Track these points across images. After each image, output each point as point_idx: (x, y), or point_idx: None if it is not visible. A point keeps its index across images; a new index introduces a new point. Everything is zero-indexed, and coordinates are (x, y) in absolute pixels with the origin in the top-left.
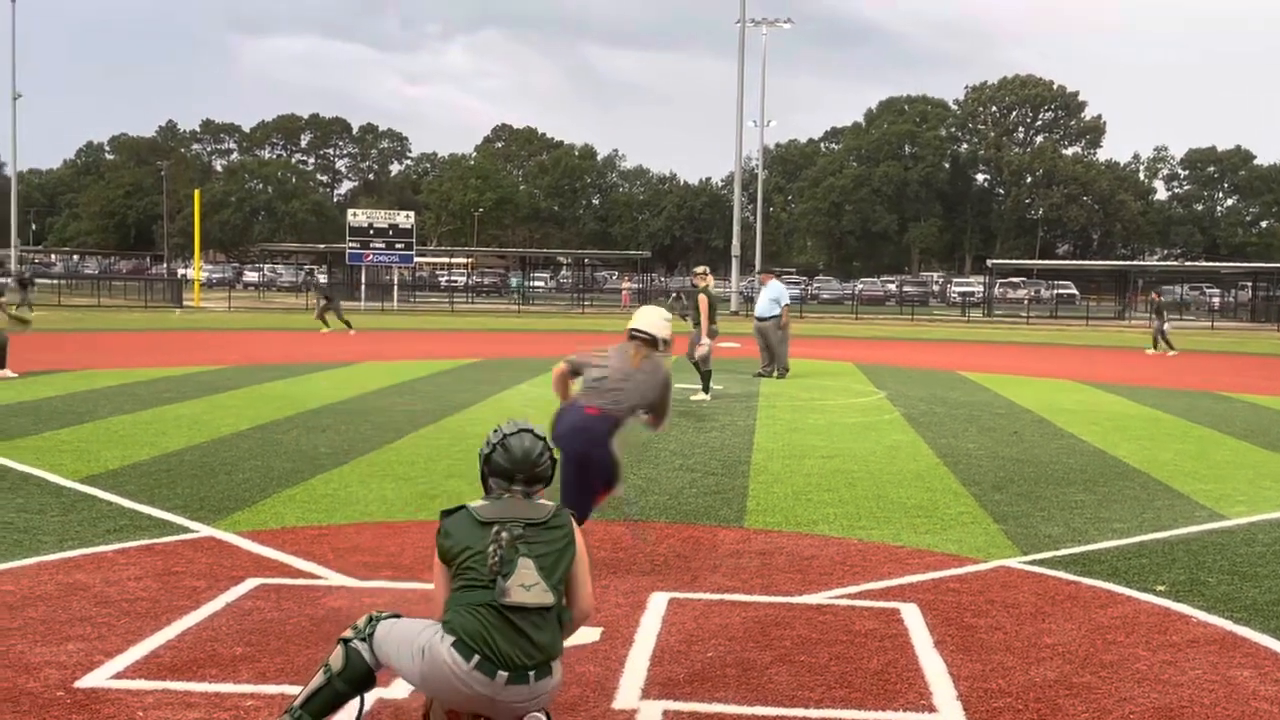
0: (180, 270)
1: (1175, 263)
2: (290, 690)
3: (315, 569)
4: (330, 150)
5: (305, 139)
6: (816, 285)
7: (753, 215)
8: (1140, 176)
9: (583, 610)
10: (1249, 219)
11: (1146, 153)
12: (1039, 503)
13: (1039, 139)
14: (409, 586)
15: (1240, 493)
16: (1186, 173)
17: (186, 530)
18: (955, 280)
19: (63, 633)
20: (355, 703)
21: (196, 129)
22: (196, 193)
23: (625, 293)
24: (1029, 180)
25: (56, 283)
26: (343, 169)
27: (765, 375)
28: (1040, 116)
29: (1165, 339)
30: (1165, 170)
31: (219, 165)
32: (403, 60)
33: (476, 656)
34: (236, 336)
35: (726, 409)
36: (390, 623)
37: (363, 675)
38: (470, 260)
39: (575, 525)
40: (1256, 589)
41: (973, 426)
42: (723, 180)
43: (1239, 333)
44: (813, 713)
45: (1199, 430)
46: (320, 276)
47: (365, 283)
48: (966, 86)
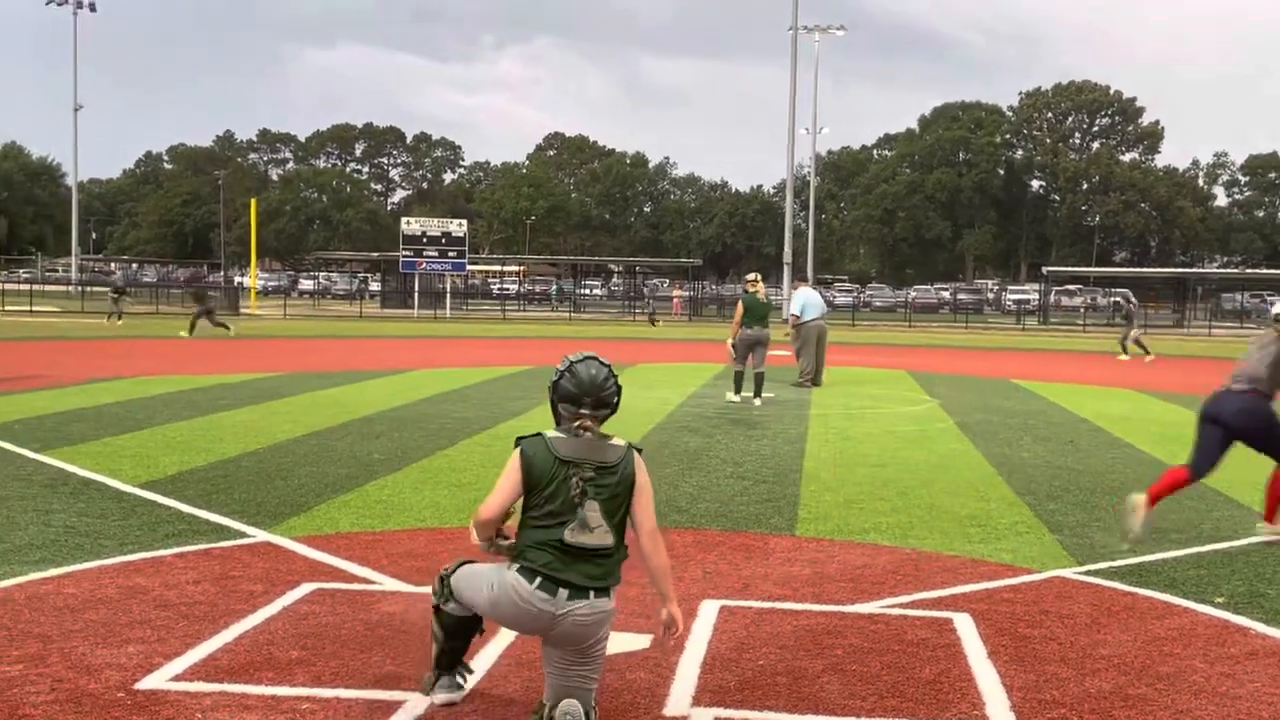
0: (237, 278)
1: (1235, 270)
2: (345, 694)
3: (369, 574)
4: (384, 159)
5: (359, 148)
6: (869, 293)
7: (804, 222)
8: (1199, 183)
9: (650, 534)
10: None
11: (1206, 159)
12: (1095, 512)
13: (1095, 145)
14: None
15: None
16: (1247, 179)
17: (243, 535)
18: (1010, 287)
19: (123, 635)
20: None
21: (253, 138)
22: (253, 201)
23: (677, 300)
24: (1085, 186)
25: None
26: (396, 178)
27: (803, 383)
28: (1097, 122)
29: (1140, 344)
30: (1225, 176)
31: (275, 174)
32: (456, 70)
33: (539, 578)
34: (291, 344)
35: (778, 417)
36: (463, 570)
37: (464, 626)
38: (522, 268)
39: (639, 463)
40: None
41: (1027, 435)
42: (774, 187)
43: None
44: None
45: None
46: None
47: (418, 290)
48: (1021, 92)
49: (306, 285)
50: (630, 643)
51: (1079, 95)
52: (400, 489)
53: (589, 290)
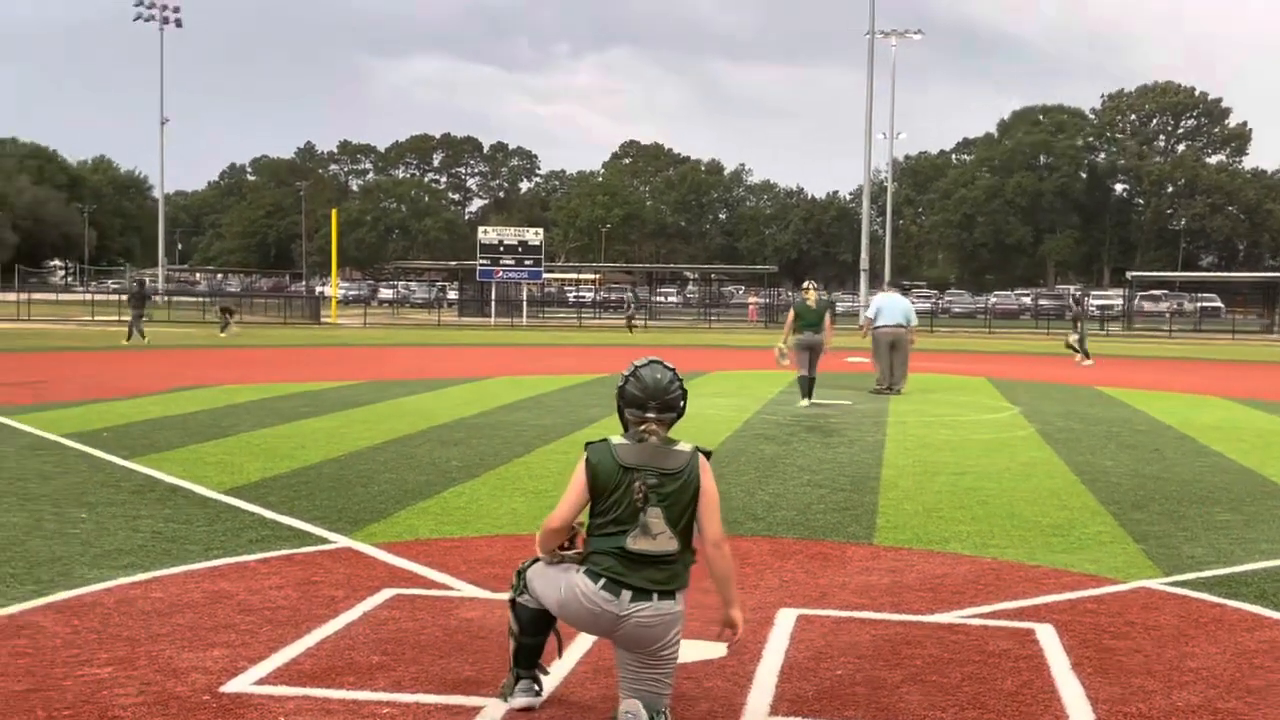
0: (318, 288)
1: None
2: (424, 699)
3: (448, 580)
4: (461, 169)
5: (437, 158)
6: (948, 298)
7: (881, 228)
8: None
9: (715, 543)
10: None
11: None
12: (1181, 522)
13: (1180, 147)
14: None
15: None
16: None
17: (324, 541)
18: (1094, 293)
19: (208, 639)
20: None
21: (334, 150)
22: (334, 212)
23: (752, 308)
24: (1170, 190)
25: (201, 300)
26: (473, 187)
27: (880, 390)
28: (1182, 124)
29: (1074, 345)
30: None
31: (355, 185)
32: (532, 79)
33: (604, 579)
34: (371, 352)
35: (856, 425)
36: (538, 565)
37: (539, 621)
38: (598, 276)
39: (704, 467)
40: None
41: (1111, 443)
42: (851, 193)
43: None
44: None
45: None
46: (136, 284)
47: (495, 299)
48: (1103, 95)
49: (386, 294)
50: (707, 650)
51: (1163, 97)
52: (478, 496)
53: (664, 298)
